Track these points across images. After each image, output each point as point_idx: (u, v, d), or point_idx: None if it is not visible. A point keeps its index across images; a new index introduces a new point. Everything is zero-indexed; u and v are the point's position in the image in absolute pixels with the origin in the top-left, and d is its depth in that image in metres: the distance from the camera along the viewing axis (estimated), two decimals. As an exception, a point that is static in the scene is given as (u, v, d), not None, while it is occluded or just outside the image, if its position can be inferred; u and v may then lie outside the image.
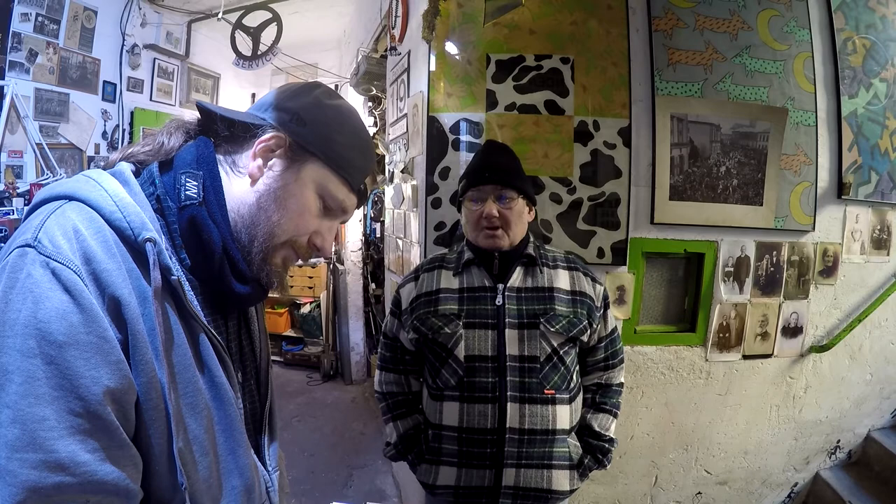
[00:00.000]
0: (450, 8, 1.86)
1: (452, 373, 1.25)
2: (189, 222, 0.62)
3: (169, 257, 0.60)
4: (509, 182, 1.27)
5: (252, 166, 0.65)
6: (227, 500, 0.65)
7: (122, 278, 0.55)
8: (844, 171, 2.09)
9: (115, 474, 0.53)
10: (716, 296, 2.02)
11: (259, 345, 0.79)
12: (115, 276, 0.55)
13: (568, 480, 1.27)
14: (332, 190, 0.68)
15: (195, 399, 0.61)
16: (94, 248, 0.55)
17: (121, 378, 0.54)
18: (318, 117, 0.67)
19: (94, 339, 0.52)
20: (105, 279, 0.54)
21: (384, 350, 1.44)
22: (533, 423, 1.22)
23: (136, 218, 0.58)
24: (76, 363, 0.51)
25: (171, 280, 0.59)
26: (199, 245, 0.63)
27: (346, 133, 0.68)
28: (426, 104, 1.90)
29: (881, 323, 2.27)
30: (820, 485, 2.29)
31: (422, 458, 1.33)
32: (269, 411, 0.79)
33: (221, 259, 0.64)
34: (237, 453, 0.66)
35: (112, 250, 0.56)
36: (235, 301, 0.69)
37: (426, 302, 1.31)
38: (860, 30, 2.12)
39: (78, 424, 0.51)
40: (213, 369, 0.63)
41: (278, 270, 0.69)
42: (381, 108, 3.68)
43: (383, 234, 3.40)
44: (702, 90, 1.94)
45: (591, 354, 1.35)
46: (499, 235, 1.26)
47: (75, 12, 2.84)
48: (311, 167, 0.66)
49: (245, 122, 0.66)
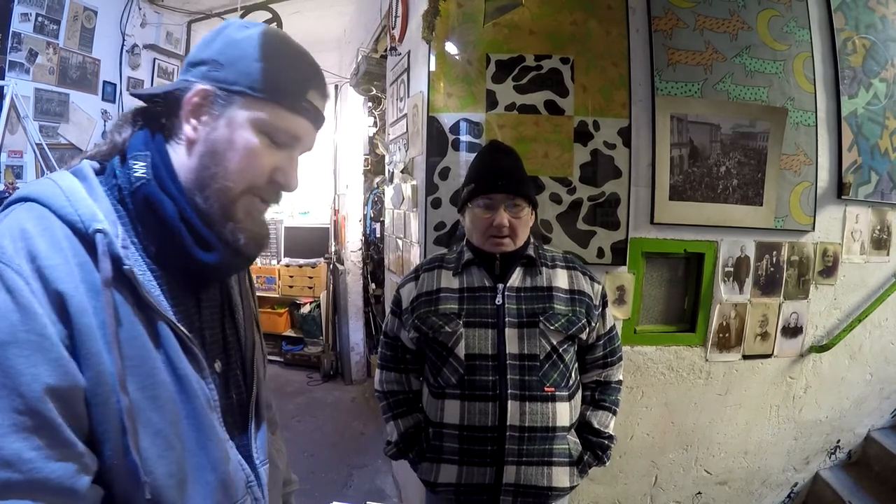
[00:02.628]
0: (450, 8, 1.86)
1: (453, 371, 1.26)
2: (143, 202, 0.62)
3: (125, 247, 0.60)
4: (519, 191, 1.27)
5: (187, 130, 0.65)
6: (199, 496, 0.64)
7: (69, 273, 0.55)
8: (844, 171, 2.09)
9: (60, 472, 0.53)
10: (716, 296, 2.02)
11: (244, 332, 0.77)
12: (61, 270, 0.55)
13: (568, 477, 1.28)
14: (271, 121, 0.65)
15: (157, 392, 0.60)
16: (39, 245, 0.55)
17: (62, 375, 0.54)
18: (234, 54, 0.64)
19: (33, 337, 0.53)
20: (49, 275, 0.55)
21: (385, 349, 1.44)
22: (533, 420, 1.22)
23: (87, 210, 0.58)
24: (16, 361, 0.51)
25: (124, 270, 0.58)
26: (157, 222, 0.62)
27: (268, 57, 0.64)
28: (426, 104, 1.90)
29: (881, 323, 2.27)
30: (820, 485, 2.29)
31: (423, 457, 1.33)
32: (256, 401, 0.76)
33: (180, 228, 0.62)
34: (208, 447, 0.65)
35: (60, 245, 0.56)
36: (206, 273, 0.68)
37: (426, 301, 1.32)
38: (860, 30, 2.12)
39: (21, 422, 0.51)
40: (176, 360, 0.62)
41: (244, 225, 0.67)
42: (381, 108, 3.68)
43: (383, 234, 3.40)
44: (702, 90, 1.94)
45: (590, 352, 1.36)
46: (506, 243, 1.27)
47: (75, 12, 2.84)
48: (241, 107, 0.64)
49: (170, 91, 0.65)
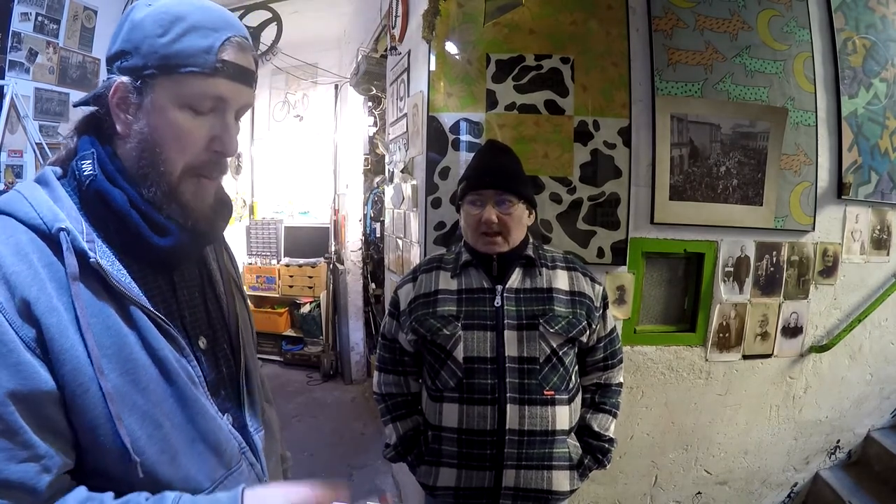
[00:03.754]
0: (450, 8, 1.86)
1: (451, 374, 1.25)
2: (95, 196, 0.64)
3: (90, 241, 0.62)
4: (509, 187, 1.26)
5: (119, 126, 0.66)
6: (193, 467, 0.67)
7: (33, 277, 0.59)
8: (844, 171, 2.09)
9: (21, 474, 0.55)
10: (716, 296, 2.02)
11: (226, 308, 0.81)
12: (24, 276, 0.58)
13: (568, 481, 1.27)
14: (190, 91, 0.64)
15: (137, 375, 0.63)
16: (3, 254, 0.58)
17: (22, 380, 0.56)
18: (138, 37, 0.64)
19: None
20: (14, 281, 0.57)
21: (383, 351, 1.43)
22: (532, 424, 1.21)
23: (49, 213, 0.61)
24: None
25: (90, 262, 0.61)
26: (111, 214, 0.65)
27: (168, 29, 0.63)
28: (426, 104, 1.90)
29: (881, 323, 2.27)
30: (820, 485, 2.29)
31: (421, 460, 1.32)
32: (245, 373, 0.80)
33: (132, 216, 0.65)
34: (196, 421, 0.68)
35: (24, 251, 0.59)
36: (169, 257, 0.69)
37: (424, 303, 1.31)
38: (860, 30, 2.12)
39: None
40: (153, 343, 0.65)
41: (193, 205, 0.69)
42: (381, 107, 3.68)
43: (383, 234, 3.39)
44: (702, 90, 1.94)
45: (591, 354, 1.35)
46: (497, 242, 1.26)
47: (75, 12, 2.84)
48: (158, 88, 0.64)
49: (99, 93, 0.67)
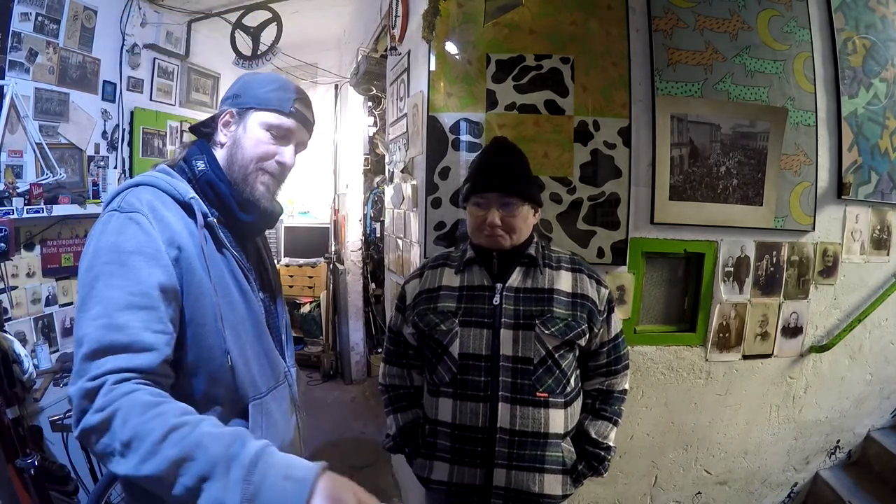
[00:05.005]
0: (450, 8, 1.86)
1: (447, 370, 1.26)
2: (207, 184, 0.97)
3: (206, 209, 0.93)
4: (514, 189, 1.25)
5: (221, 137, 1.01)
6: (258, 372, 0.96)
7: (176, 222, 0.88)
8: (844, 171, 2.09)
9: (152, 339, 0.78)
10: (716, 296, 2.02)
11: (274, 279, 1.14)
12: (170, 220, 0.87)
13: (560, 485, 1.25)
14: (270, 121, 0.99)
15: (230, 298, 0.93)
16: (157, 205, 0.88)
17: (168, 277, 0.83)
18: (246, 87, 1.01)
19: (152, 250, 0.83)
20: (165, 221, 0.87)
21: (389, 344, 1.45)
22: (524, 424, 1.21)
23: (182, 187, 0.93)
24: (139, 264, 0.81)
25: (209, 221, 0.93)
26: (216, 196, 0.97)
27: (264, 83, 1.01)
28: (426, 104, 1.90)
29: (881, 323, 2.27)
30: (820, 485, 2.29)
31: (418, 452, 1.34)
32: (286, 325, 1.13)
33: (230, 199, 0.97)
34: (262, 340, 0.99)
35: (169, 206, 0.89)
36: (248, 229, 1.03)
37: (427, 298, 1.32)
38: (860, 30, 2.12)
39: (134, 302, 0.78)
40: (240, 280, 0.96)
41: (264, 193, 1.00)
42: (381, 107, 3.68)
43: (383, 234, 3.39)
44: (702, 90, 1.94)
45: (593, 359, 1.33)
46: (501, 236, 1.26)
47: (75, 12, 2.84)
48: (251, 116, 0.99)
49: (212, 116, 1.03)
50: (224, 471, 0.65)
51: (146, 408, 0.70)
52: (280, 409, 1.02)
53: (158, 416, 0.70)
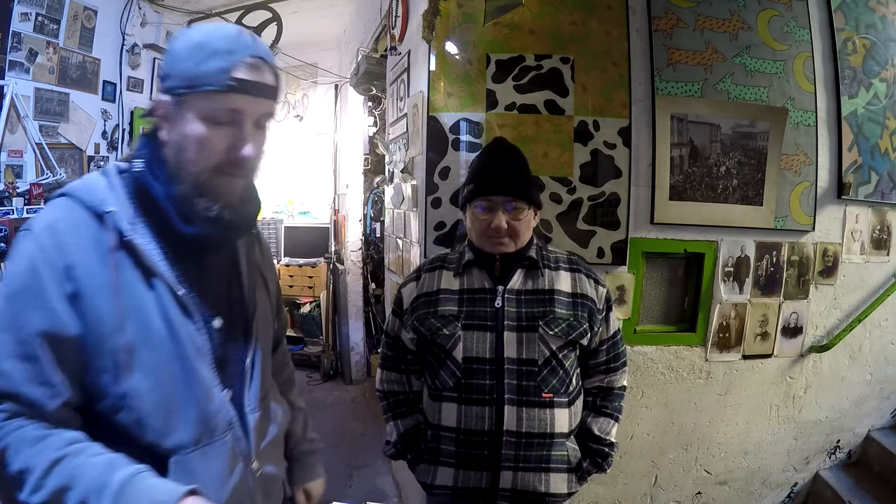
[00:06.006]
0: (450, 8, 1.86)
1: (450, 374, 1.25)
2: (142, 188, 0.80)
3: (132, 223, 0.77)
4: (520, 193, 1.24)
5: (162, 135, 0.80)
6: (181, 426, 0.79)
7: (81, 247, 0.74)
8: (844, 171, 2.09)
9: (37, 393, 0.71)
10: (716, 296, 2.02)
11: (248, 296, 0.91)
12: (73, 245, 0.74)
13: (566, 484, 1.26)
14: (211, 106, 0.76)
15: (150, 334, 0.76)
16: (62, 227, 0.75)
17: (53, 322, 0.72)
18: (173, 62, 0.78)
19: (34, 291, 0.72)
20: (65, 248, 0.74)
21: (386, 349, 1.43)
22: (531, 426, 1.21)
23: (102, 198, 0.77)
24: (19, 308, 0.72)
25: (125, 240, 0.76)
26: (151, 202, 0.79)
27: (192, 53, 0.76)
28: (426, 104, 1.90)
29: (881, 323, 2.27)
30: (820, 485, 2.29)
31: (420, 458, 1.32)
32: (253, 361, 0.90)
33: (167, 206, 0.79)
34: (192, 386, 0.79)
35: (78, 226, 0.75)
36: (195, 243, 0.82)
37: (426, 302, 1.30)
38: (860, 30, 2.12)
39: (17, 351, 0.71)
40: (169, 312, 0.78)
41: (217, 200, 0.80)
42: (381, 107, 3.68)
43: (383, 234, 3.39)
44: (702, 90, 1.94)
45: (593, 357, 1.34)
46: (506, 244, 1.25)
47: (75, 12, 2.84)
48: (187, 104, 0.76)
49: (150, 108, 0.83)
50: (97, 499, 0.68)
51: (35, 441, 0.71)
52: (212, 468, 0.81)
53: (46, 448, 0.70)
